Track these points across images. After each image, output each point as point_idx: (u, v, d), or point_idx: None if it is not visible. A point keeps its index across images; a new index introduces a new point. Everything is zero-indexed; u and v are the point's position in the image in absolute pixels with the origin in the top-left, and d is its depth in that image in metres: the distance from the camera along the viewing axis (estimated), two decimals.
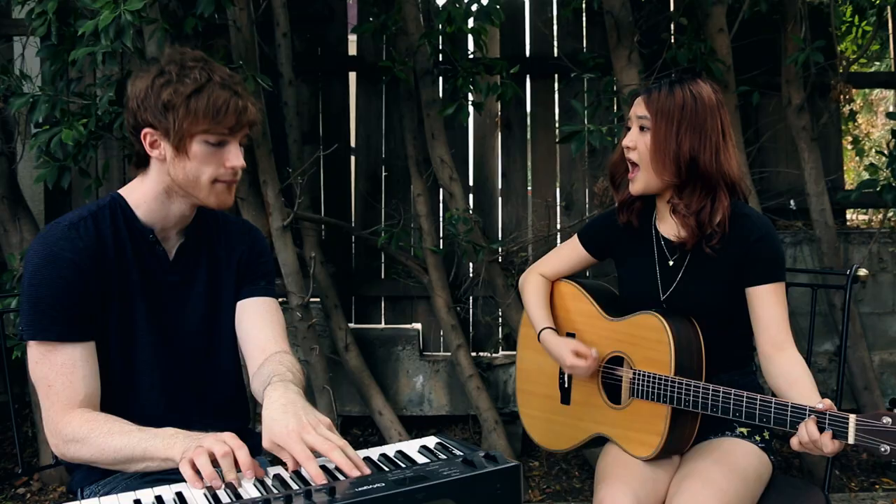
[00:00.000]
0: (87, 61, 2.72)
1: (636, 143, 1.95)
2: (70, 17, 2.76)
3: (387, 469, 1.34)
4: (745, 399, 1.79)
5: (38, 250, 1.58)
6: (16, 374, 1.89)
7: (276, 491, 1.30)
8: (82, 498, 1.69)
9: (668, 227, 2.03)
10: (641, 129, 1.95)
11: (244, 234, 1.85)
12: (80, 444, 1.52)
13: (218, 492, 1.30)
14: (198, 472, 1.34)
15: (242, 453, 1.36)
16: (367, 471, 1.33)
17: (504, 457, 1.32)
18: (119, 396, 1.64)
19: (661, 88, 1.93)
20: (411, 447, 1.46)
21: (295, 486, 1.31)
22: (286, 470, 1.38)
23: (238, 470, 1.35)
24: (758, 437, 1.99)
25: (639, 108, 1.95)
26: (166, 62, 1.60)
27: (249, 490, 1.31)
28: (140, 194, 1.68)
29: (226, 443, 1.37)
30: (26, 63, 3.61)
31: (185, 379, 1.73)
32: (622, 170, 2.06)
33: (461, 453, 1.39)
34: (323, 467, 1.32)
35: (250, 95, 1.64)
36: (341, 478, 1.31)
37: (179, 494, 1.31)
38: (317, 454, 1.34)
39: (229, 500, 1.27)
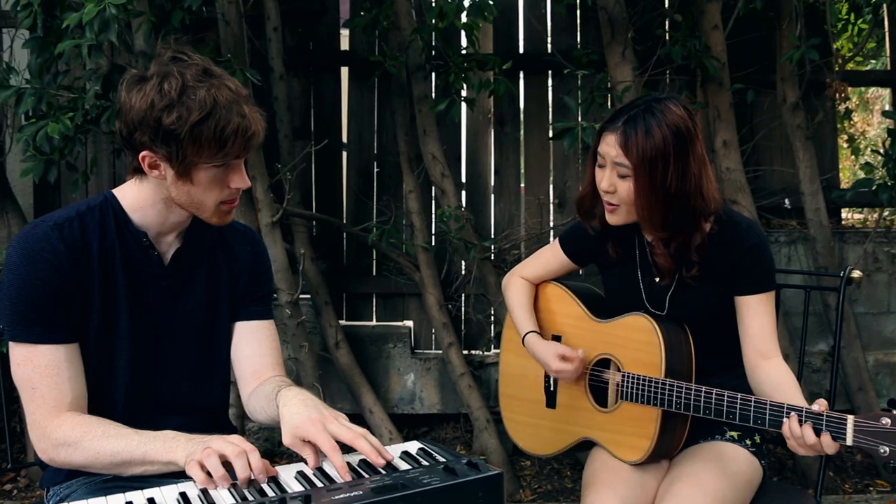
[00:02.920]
0: (73, 54, 2.68)
1: (615, 186, 1.85)
2: (56, 9, 2.72)
3: (366, 475, 1.32)
4: (738, 401, 1.76)
5: (18, 248, 1.52)
6: (5, 369, 1.86)
7: (251, 498, 1.27)
8: (48, 498, 1.66)
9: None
10: (619, 175, 1.83)
11: (247, 244, 1.78)
12: (72, 449, 1.48)
13: (190, 498, 1.27)
14: (208, 474, 1.32)
15: (255, 456, 1.33)
16: (391, 457, 1.35)
17: (486, 465, 1.29)
18: (94, 403, 1.58)
19: (636, 129, 1.78)
20: (393, 452, 1.43)
21: (271, 493, 1.28)
22: (306, 465, 1.37)
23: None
24: (748, 441, 1.97)
25: (614, 153, 1.81)
26: (163, 72, 1.46)
27: (224, 497, 1.28)
28: (135, 199, 1.60)
29: (237, 444, 1.34)
30: (14, 55, 3.57)
31: (169, 387, 1.67)
32: (589, 203, 1.98)
33: (443, 460, 1.36)
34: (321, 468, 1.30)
35: (255, 108, 1.53)
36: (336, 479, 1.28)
37: (151, 500, 1.28)
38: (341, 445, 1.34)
39: None
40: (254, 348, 1.73)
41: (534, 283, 2.20)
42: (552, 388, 2.12)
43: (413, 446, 1.46)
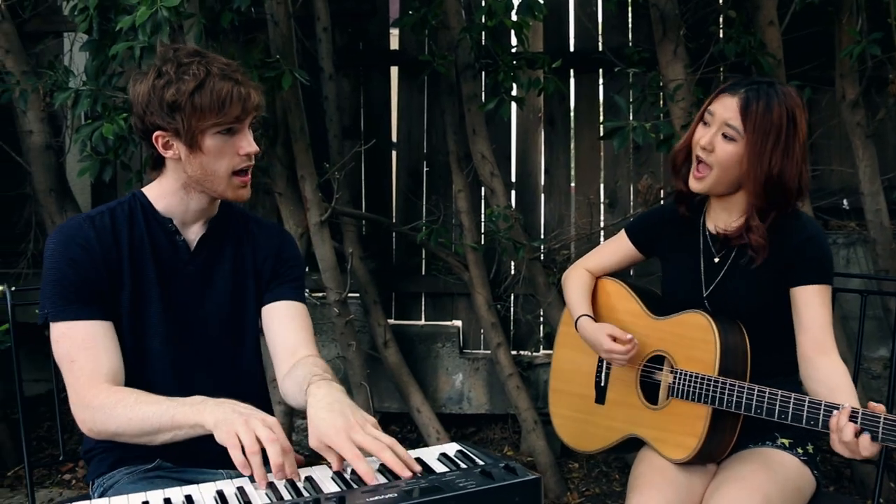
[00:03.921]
0: (127, 56, 2.73)
1: (714, 146, 1.87)
2: (111, 13, 2.77)
3: (402, 477, 1.31)
4: (792, 401, 1.72)
5: (54, 237, 1.65)
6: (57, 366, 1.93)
7: (287, 497, 1.27)
8: (93, 490, 1.72)
9: (715, 221, 2.00)
10: (725, 136, 1.86)
11: (273, 237, 1.85)
12: (106, 415, 1.52)
13: (227, 496, 1.28)
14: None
15: (275, 449, 1.33)
16: (418, 468, 1.33)
17: (524, 469, 1.27)
18: (131, 381, 1.64)
19: (758, 98, 1.83)
20: (431, 454, 1.42)
21: (306, 494, 1.28)
22: (330, 469, 1.37)
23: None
24: (800, 450, 1.91)
25: (729, 115, 1.85)
26: (162, 62, 1.61)
27: (258, 496, 1.29)
28: (159, 191, 1.72)
29: (272, 430, 1.35)
30: (73, 58, 3.66)
31: (201, 371, 1.73)
32: (681, 160, 2.01)
33: (481, 463, 1.35)
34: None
35: (250, 80, 1.66)
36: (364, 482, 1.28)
37: (188, 497, 1.29)
38: (366, 454, 1.33)
39: None
40: (286, 326, 1.77)
41: (597, 274, 2.21)
42: (603, 384, 2.11)
43: (451, 448, 1.44)
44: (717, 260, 1.99)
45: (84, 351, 1.58)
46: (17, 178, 3.91)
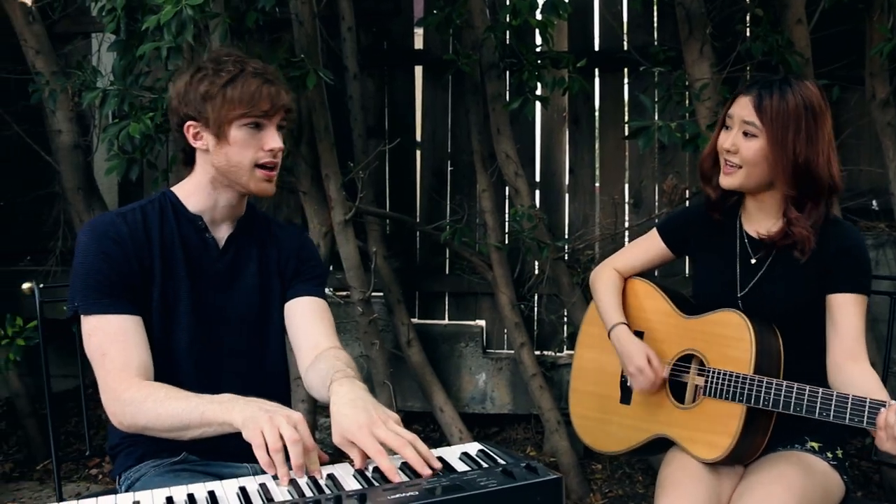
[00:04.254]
0: (153, 56, 2.76)
1: (738, 147, 1.89)
2: (138, 13, 2.79)
3: (422, 475, 1.30)
4: (834, 397, 1.70)
5: (87, 231, 1.68)
6: (84, 363, 1.95)
7: (308, 494, 1.27)
8: (120, 483, 1.74)
9: (754, 224, 1.99)
10: (746, 134, 1.88)
11: (294, 238, 1.90)
12: (136, 409, 1.54)
13: (250, 493, 1.28)
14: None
15: (297, 450, 1.34)
16: (438, 465, 1.34)
17: (545, 469, 1.27)
18: (158, 379, 1.65)
19: (771, 93, 1.85)
20: (452, 453, 1.42)
21: (328, 491, 1.28)
22: (351, 466, 1.38)
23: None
24: (829, 454, 1.90)
25: (745, 112, 1.88)
26: (202, 61, 1.73)
27: (281, 492, 1.29)
28: (189, 187, 1.77)
29: (296, 429, 1.36)
30: (102, 58, 3.70)
31: (227, 368, 1.75)
32: (709, 166, 2.02)
33: (502, 462, 1.34)
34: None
35: (283, 83, 1.73)
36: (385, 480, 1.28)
37: (211, 493, 1.30)
38: (388, 450, 1.34)
39: (261, 502, 1.25)
40: (308, 320, 1.80)
41: (626, 274, 2.19)
42: (628, 384, 2.09)
43: (473, 448, 1.44)
44: (753, 262, 1.98)
45: (115, 344, 1.60)
46: (46, 177, 3.97)
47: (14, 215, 4.13)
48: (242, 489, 1.30)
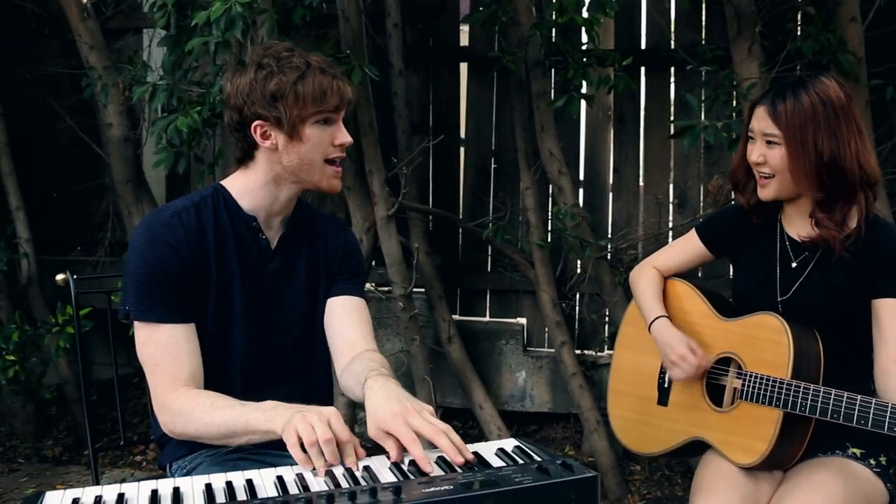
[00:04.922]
0: (202, 51, 2.80)
1: (765, 157, 1.88)
2: (188, 9, 2.84)
3: (459, 470, 1.31)
4: (873, 405, 1.67)
5: (142, 233, 1.65)
6: (119, 352, 1.98)
7: (344, 485, 1.29)
8: (170, 472, 1.77)
9: (795, 226, 1.96)
10: (769, 142, 1.86)
11: (339, 232, 1.89)
12: (185, 419, 1.57)
13: (287, 482, 1.30)
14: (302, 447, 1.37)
15: (329, 449, 1.35)
16: (471, 456, 1.34)
17: (581, 467, 1.27)
18: (213, 378, 1.68)
19: (785, 98, 1.83)
20: (489, 449, 1.43)
21: (363, 483, 1.29)
22: (388, 459, 1.39)
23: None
24: (872, 461, 1.85)
25: (764, 124, 1.86)
26: (259, 57, 1.66)
27: (318, 482, 1.31)
28: (244, 184, 1.73)
29: (329, 425, 1.37)
30: (152, 53, 3.77)
31: (277, 367, 1.77)
32: (742, 177, 2.00)
33: (538, 459, 1.34)
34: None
35: (342, 75, 1.72)
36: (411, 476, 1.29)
37: (249, 482, 1.31)
38: (423, 441, 1.35)
39: (297, 491, 1.27)
40: (346, 321, 1.80)
41: (666, 273, 2.18)
42: (666, 385, 2.08)
43: (509, 444, 1.44)
44: (794, 265, 1.95)
45: (167, 355, 1.61)
46: (96, 170, 4.06)
47: (66, 206, 4.23)
48: (280, 478, 1.32)
